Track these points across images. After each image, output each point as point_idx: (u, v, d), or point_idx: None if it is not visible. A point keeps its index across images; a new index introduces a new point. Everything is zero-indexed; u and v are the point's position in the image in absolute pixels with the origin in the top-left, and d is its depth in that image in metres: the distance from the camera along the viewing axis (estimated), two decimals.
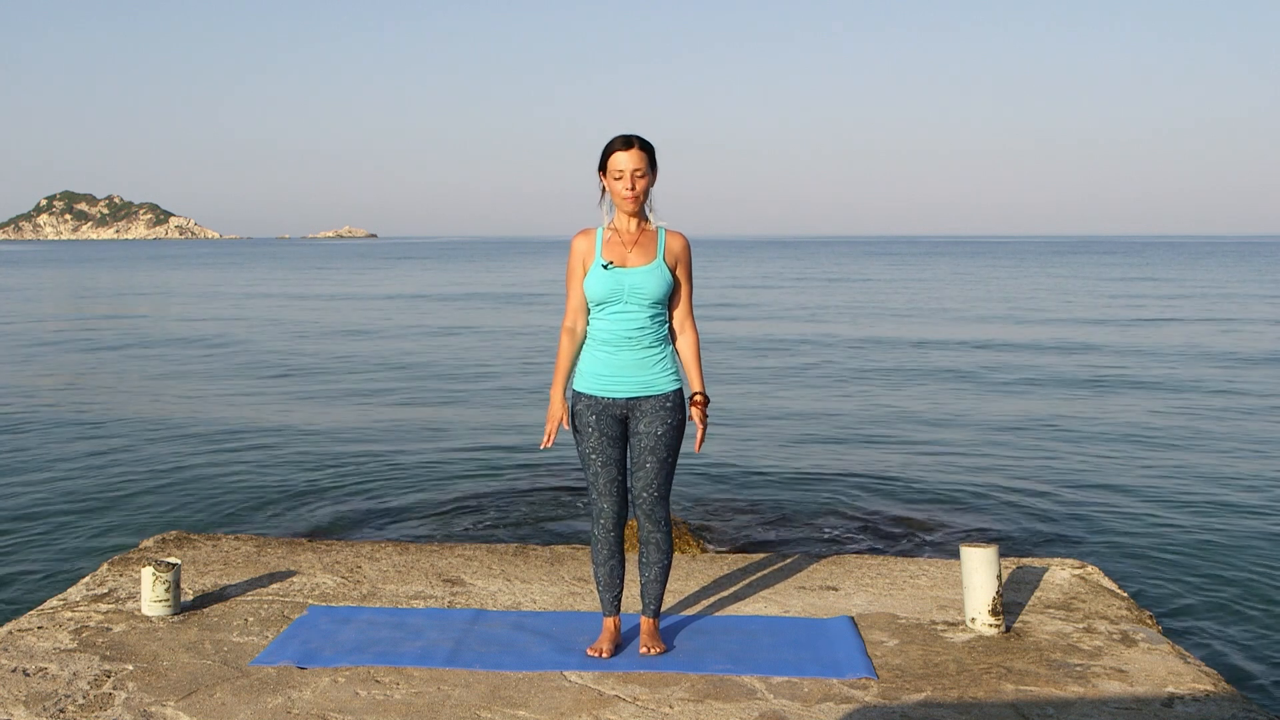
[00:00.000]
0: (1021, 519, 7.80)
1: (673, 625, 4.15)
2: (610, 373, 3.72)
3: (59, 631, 4.05)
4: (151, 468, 9.57)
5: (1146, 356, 18.46)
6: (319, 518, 7.85)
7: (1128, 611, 4.33)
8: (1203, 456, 10.04)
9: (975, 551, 4.06)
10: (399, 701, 3.45)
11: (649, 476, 3.75)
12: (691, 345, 3.81)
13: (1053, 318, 27.29)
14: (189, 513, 8.07)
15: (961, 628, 4.12)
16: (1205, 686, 3.56)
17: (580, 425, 3.77)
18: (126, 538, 7.26)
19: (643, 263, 3.70)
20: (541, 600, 4.50)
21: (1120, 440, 10.80)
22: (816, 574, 4.87)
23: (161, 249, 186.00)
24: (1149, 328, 24.24)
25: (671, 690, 3.53)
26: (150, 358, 19.04)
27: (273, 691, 3.52)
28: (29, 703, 3.42)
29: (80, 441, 10.83)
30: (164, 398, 14.00)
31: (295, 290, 43.73)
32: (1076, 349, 19.66)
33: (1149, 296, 36.11)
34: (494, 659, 3.79)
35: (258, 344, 21.44)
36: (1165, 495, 8.53)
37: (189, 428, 11.62)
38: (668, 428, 3.74)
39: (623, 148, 3.67)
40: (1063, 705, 3.41)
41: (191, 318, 29.01)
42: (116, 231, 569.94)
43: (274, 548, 5.25)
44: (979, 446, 10.49)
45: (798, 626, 4.15)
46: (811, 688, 3.55)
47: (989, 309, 30.55)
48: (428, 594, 4.56)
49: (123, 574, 4.76)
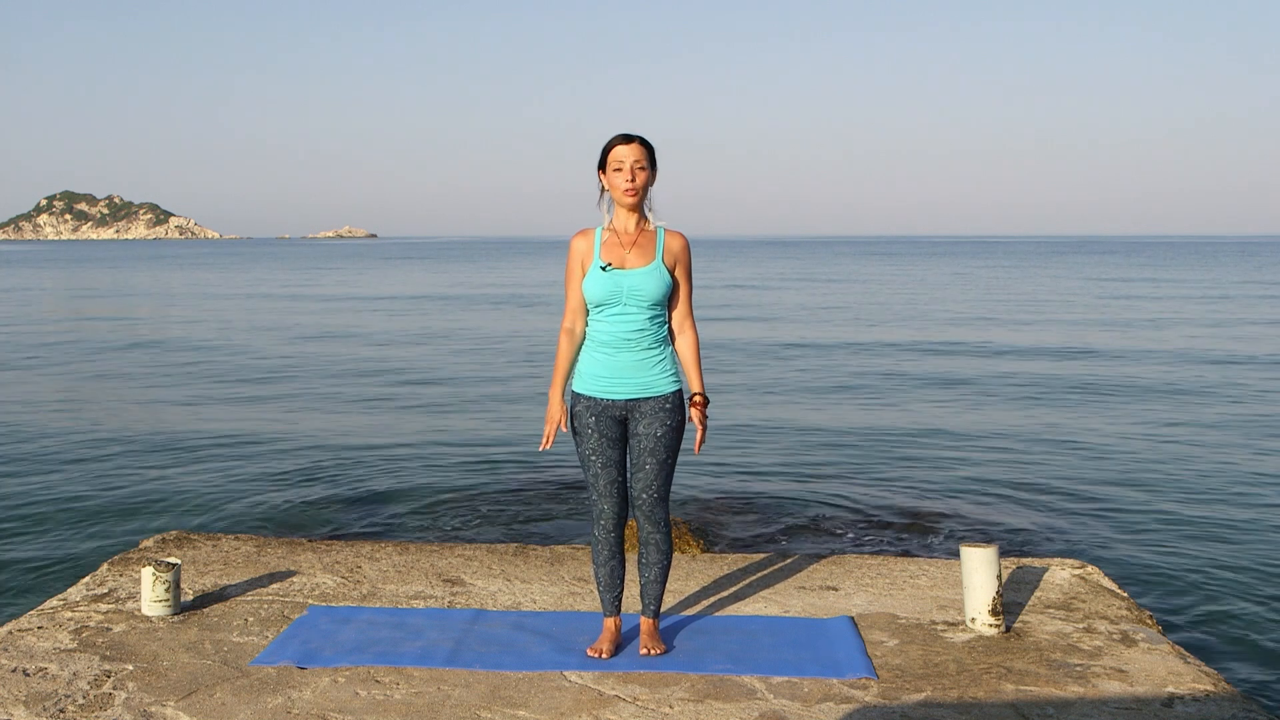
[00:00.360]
0: (1021, 519, 7.80)
1: (673, 625, 4.15)
2: (609, 374, 3.71)
3: (59, 631, 4.05)
4: (151, 468, 9.57)
5: (1146, 356, 18.46)
6: (319, 518, 7.85)
7: (1128, 611, 4.33)
8: (1203, 456, 10.03)
9: (975, 551, 4.06)
10: (399, 701, 3.45)
11: (648, 478, 3.74)
12: (691, 346, 3.80)
13: (1053, 318, 27.28)
14: (189, 513, 8.07)
15: (961, 628, 4.12)
16: (1205, 686, 3.56)
17: (579, 427, 3.76)
18: (126, 538, 7.26)
19: (641, 264, 3.69)
20: (541, 600, 4.50)
21: (1120, 440, 10.80)
22: (816, 574, 4.87)
23: (161, 249, 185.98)
24: (1149, 328, 24.24)
25: (671, 690, 3.53)
26: (151, 358, 19.03)
27: (273, 691, 3.52)
28: (29, 703, 3.42)
29: (80, 441, 10.83)
30: (164, 398, 14.00)
31: (296, 291, 43.72)
32: (1076, 348, 19.66)
33: (1148, 297, 36.11)
34: (494, 659, 3.79)
35: (258, 345, 21.44)
36: (1165, 495, 8.53)
37: (189, 428, 11.62)
38: (667, 429, 3.73)
39: (623, 142, 3.69)
40: (1063, 705, 3.41)
41: (192, 319, 29.00)
42: (116, 232, 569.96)
43: (274, 548, 5.25)
44: (979, 447, 10.49)
45: (798, 626, 4.15)
46: (811, 688, 3.55)
47: (989, 309, 30.55)
48: (428, 594, 4.56)
49: (123, 574, 4.76)
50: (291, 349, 20.47)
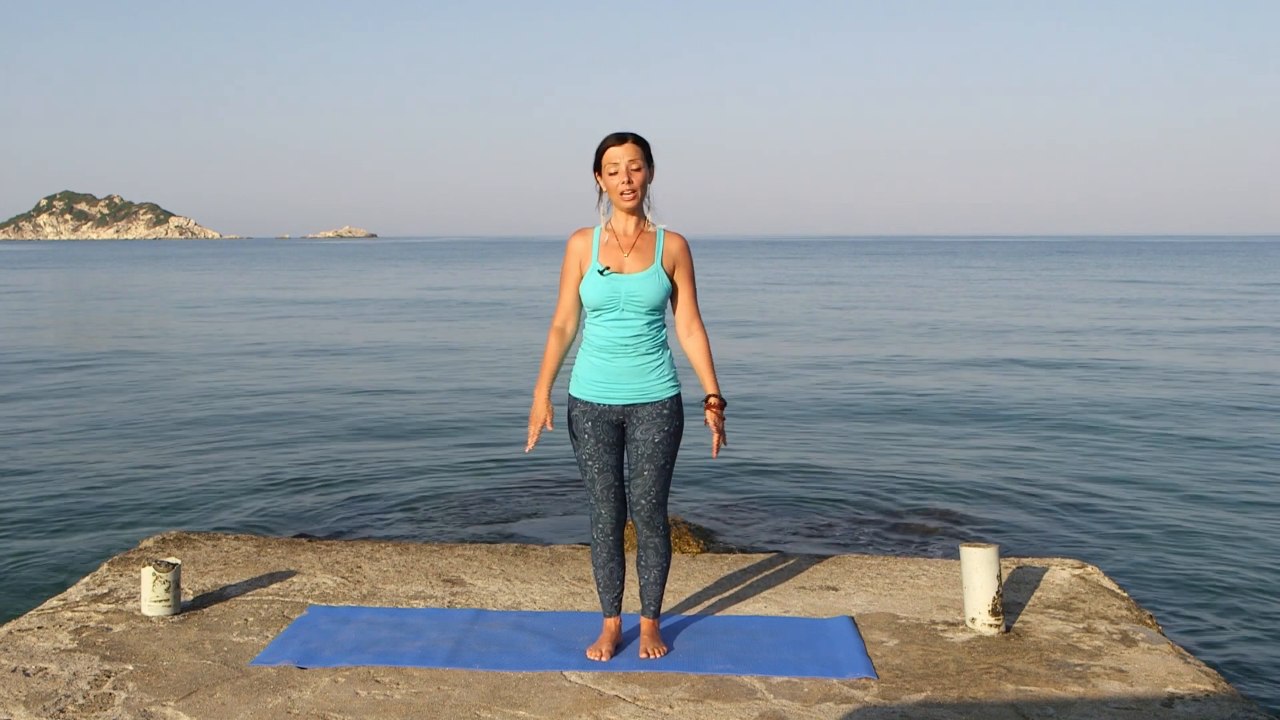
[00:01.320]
0: (1021, 519, 7.80)
1: (673, 625, 4.15)
2: (606, 379, 3.66)
3: (59, 631, 4.05)
4: (152, 468, 9.57)
5: (1146, 356, 18.45)
6: (319, 518, 7.85)
7: (1128, 611, 4.33)
8: (1203, 456, 10.04)
9: (975, 551, 4.06)
10: (399, 701, 3.45)
11: (646, 484, 3.70)
12: (701, 347, 3.73)
13: (1053, 319, 27.28)
14: (189, 513, 8.07)
15: (961, 628, 4.12)
16: (1205, 686, 3.56)
17: (576, 431, 3.72)
18: (126, 538, 7.26)
19: (640, 268, 3.63)
20: (541, 600, 4.50)
21: (1121, 440, 10.80)
22: (816, 574, 4.87)
23: (161, 249, 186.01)
24: (1149, 328, 24.23)
25: (671, 690, 3.53)
26: (151, 358, 19.03)
27: (273, 691, 3.52)
28: (29, 703, 3.41)
29: (80, 441, 10.83)
30: (164, 398, 14.00)
31: (296, 291, 43.71)
32: (1076, 348, 19.66)
33: (1148, 298, 36.10)
34: (494, 659, 3.78)
35: (258, 345, 21.43)
36: (1165, 495, 8.53)
37: (189, 427, 11.62)
38: (665, 434, 3.68)
39: (616, 143, 3.61)
40: (1063, 705, 3.41)
41: (192, 319, 28.99)
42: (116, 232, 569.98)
43: (274, 548, 5.25)
44: (979, 447, 10.50)
45: (798, 626, 4.15)
46: (811, 688, 3.55)
47: (989, 309, 30.54)
48: (428, 594, 4.55)
49: (123, 574, 4.76)
50: (293, 349, 20.46)
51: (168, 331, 24.63)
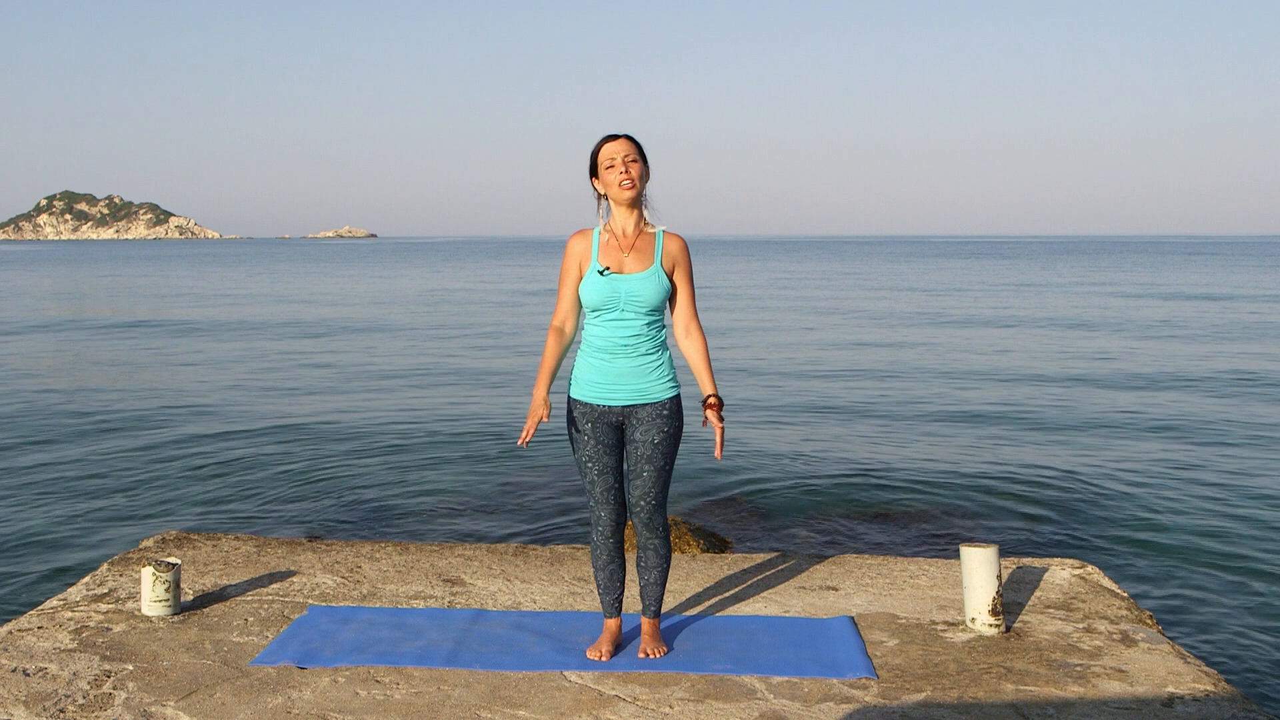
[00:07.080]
0: (1021, 519, 7.80)
1: (673, 625, 4.15)
2: (606, 380, 3.65)
3: (59, 631, 4.05)
4: (151, 468, 9.57)
5: (1147, 356, 18.45)
6: (319, 518, 7.85)
7: (1128, 611, 4.33)
8: (1203, 456, 10.03)
9: (975, 551, 4.06)
10: (399, 701, 3.45)
11: (646, 485, 3.69)
12: (699, 348, 3.73)
13: (1053, 319, 27.28)
14: (189, 513, 8.07)
15: (961, 628, 4.12)
16: (1205, 686, 3.56)
17: (576, 432, 3.72)
18: (127, 538, 7.26)
19: (640, 269, 3.63)
20: (541, 600, 4.49)
21: (1121, 440, 10.81)
22: (816, 574, 4.86)
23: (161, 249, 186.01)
24: (1148, 328, 24.23)
25: (671, 690, 3.53)
26: (151, 358, 19.03)
27: (273, 691, 3.52)
28: (29, 703, 3.41)
29: (80, 441, 10.83)
30: (163, 398, 14.00)
31: (296, 292, 43.70)
32: (1077, 348, 19.66)
33: (1147, 297, 36.09)
34: (494, 659, 3.78)
35: (258, 345, 21.43)
36: (1165, 496, 8.53)
37: (189, 427, 11.62)
38: (664, 436, 3.67)
39: (610, 140, 3.64)
40: (1063, 705, 3.41)
41: (192, 318, 28.99)
42: (116, 231, 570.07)
43: (274, 548, 5.25)
44: (980, 447, 10.49)
45: (798, 626, 4.15)
46: (811, 688, 3.55)
47: (989, 310, 30.54)
48: (428, 594, 4.55)
49: (123, 574, 4.76)
50: (293, 349, 20.46)
51: (168, 330, 24.63)
